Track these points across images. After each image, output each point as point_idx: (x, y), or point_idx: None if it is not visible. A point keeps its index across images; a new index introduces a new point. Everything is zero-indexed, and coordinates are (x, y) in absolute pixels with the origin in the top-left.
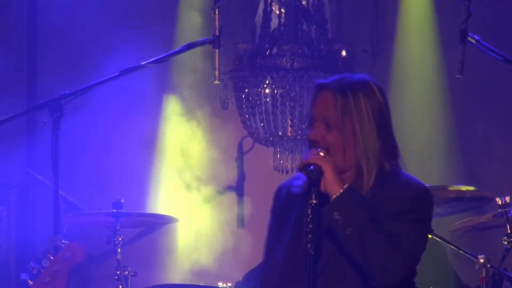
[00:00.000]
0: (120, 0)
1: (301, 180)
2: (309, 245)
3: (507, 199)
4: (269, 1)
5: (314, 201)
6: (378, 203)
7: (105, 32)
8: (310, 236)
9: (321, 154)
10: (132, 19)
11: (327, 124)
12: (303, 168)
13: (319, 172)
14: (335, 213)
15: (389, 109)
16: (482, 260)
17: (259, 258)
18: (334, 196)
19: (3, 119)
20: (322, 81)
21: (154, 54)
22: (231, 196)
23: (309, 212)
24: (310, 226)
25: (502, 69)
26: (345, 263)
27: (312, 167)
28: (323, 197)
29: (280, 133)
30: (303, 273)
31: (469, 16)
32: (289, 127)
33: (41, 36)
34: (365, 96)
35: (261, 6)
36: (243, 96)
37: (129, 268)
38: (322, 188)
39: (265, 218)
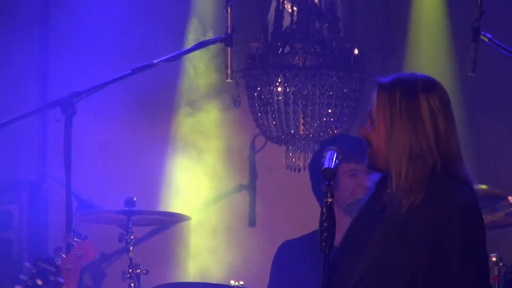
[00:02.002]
0: None
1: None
2: (323, 244)
3: None
4: (281, 0)
5: (329, 200)
6: (413, 225)
7: (117, 30)
8: (325, 234)
9: None
10: (145, 17)
11: (371, 120)
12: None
13: (334, 171)
14: None
15: (440, 113)
16: (494, 259)
17: (270, 256)
18: None
19: (15, 117)
20: (382, 78)
21: (166, 52)
22: (243, 195)
23: (324, 211)
24: (325, 224)
25: None
26: (391, 269)
27: (326, 166)
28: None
29: (292, 131)
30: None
31: (481, 14)
32: (301, 126)
33: (53, 34)
34: (403, 93)
35: (273, 4)
36: (255, 94)
37: (141, 266)
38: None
39: (277, 216)
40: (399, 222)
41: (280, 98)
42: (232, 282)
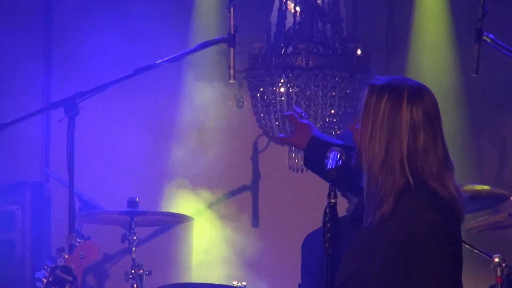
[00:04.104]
0: None
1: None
2: (327, 245)
3: None
4: (284, 0)
5: (333, 200)
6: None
7: (120, 30)
8: (328, 235)
9: None
10: (148, 17)
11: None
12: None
13: (338, 171)
14: None
15: (422, 127)
16: (497, 260)
17: (273, 257)
18: None
19: (19, 117)
20: (377, 77)
21: (169, 52)
22: (246, 195)
23: (327, 211)
24: (328, 225)
25: None
26: (365, 281)
27: (329, 167)
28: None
29: None
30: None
31: (484, 15)
32: None
33: (56, 34)
34: (388, 101)
35: (276, 4)
36: (258, 95)
37: (144, 267)
38: None
39: (280, 217)
40: (370, 234)
41: (283, 98)
42: (235, 283)
